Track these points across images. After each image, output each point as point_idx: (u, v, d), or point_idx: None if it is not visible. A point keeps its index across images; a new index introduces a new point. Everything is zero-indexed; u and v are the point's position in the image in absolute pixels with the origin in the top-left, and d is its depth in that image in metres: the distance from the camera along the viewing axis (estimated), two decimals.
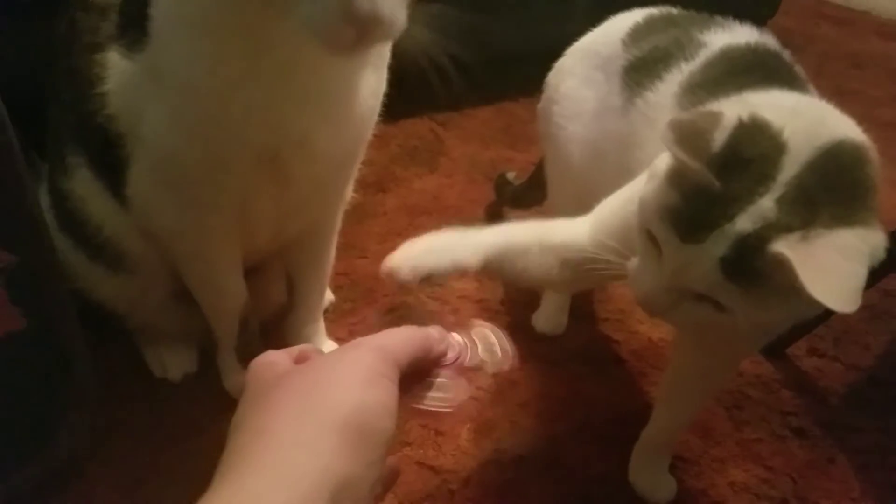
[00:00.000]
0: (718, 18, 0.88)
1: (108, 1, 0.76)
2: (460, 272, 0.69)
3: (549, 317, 1.15)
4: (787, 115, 0.59)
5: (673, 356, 0.92)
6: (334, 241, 1.01)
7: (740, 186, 0.55)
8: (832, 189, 0.55)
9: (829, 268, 0.52)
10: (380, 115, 0.87)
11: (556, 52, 1.04)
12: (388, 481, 0.51)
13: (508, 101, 1.80)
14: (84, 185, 0.84)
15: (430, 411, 0.48)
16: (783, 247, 0.52)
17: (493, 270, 0.73)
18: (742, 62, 0.78)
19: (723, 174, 0.55)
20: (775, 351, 1.15)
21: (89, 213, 0.85)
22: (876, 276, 1.08)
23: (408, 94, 0.88)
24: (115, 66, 0.75)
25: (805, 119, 0.59)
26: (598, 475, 0.94)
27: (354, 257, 1.28)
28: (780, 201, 0.54)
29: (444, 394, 0.48)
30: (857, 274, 0.53)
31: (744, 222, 0.54)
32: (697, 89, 0.77)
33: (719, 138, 0.56)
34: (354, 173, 0.92)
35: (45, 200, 0.91)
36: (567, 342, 1.15)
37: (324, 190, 0.88)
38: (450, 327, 0.53)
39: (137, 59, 0.72)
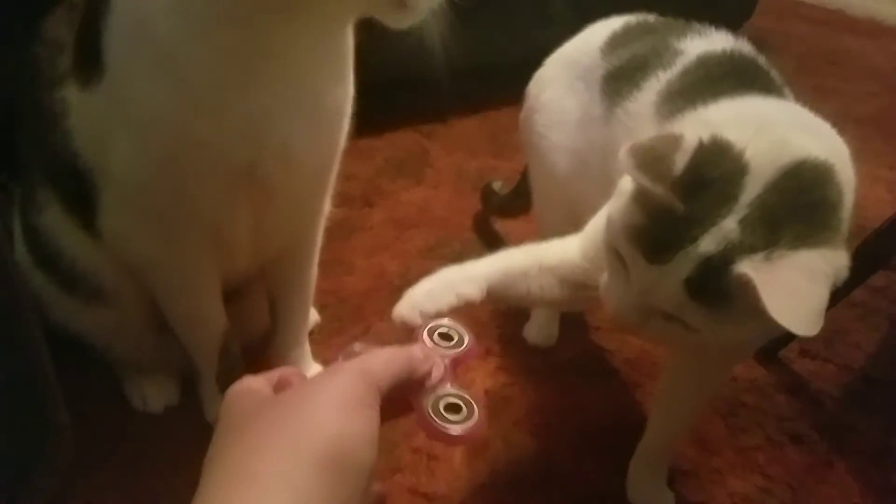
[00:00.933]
0: (695, 25, 0.87)
1: (64, 36, 0.75)
2: (466, 305, 0.69)
3: (539, 328, 1.14)
4: (749, 134, 0.58)
5: (666, 364, 0.91)
6: (315, 258, 0.99)
7: (703, 208, 0.55)
8: (795, 209, 0.55)
9: (792, 290, 0.52)
10: (365, 129, 0.86)
11: (538, 60, 1.04)
12: None
13: (492, 111, 1.79)
14: (56, 220, 0.83)
15: (445, 434, 0.46)
16: (747, 268, 0.52)
17: (497, 297, 0.74)
18: (719, 69, 0.77)
19: (686, 196, 0.55)
20: (768, 355, 1.14)
21: (62, 248, 0.83)
22: (863, 273, 1.10)
23: (392, 105, 0.87)
24: (75, 100, 0.73)
25: (767, 138, 0.59)
26: (595, 491, 0.93)
27: (341, 274, 1.26)
28: (743, 222, 0.54)
29: (460, 416, 0.47)
30: (819, 295, 0.53)
31: (707, 244, 0.54)
32: (675, 97, 0.77)
33: (680, 161, 0.56)
34: (331, 186, 0.91)
35: (18, 232, 0.90)
36: (559, 353, 1.13)
37: (302, 203, 0.87)
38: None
39: (96, 91, 0.71)
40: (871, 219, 1.44)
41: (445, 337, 0.53)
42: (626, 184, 0.62)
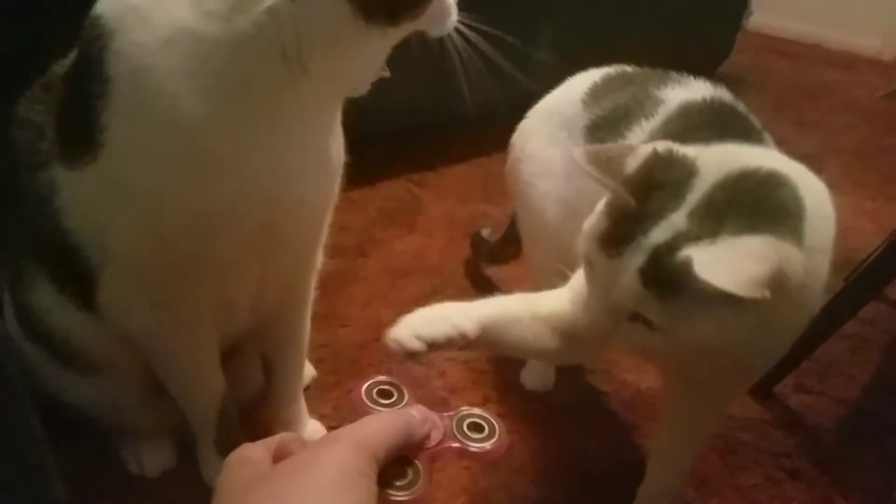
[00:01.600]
0: (673, 74, 0.90)
1: (43, 117, 0.76)
2: (460, 338, 0.70)
3: (537, 374, 1.15)
4: (701, 150, 0.63)
5: (662, 403, 0.91)
6: (308, 313, 1.00)
7: (654, 205, 0.59)
8: (741, 205, 0.58)
9: (729, 260, 0.55)
10: (357, 180, 0.88)
11: (525, 107, 1.07)
12: None
13: (482, 157, 1.82)
14: (46, 297, 0.83)
15: (394, 502, 0.45)
16: (690, 251, 0.56)
17: (491, 340, 0.74)
18: (700, 117, 0.80)
19: (638, 194, 0.59)
20: (763, 390, 1.15)
21: (54, 324, 0.84)
22: (854, 305, 1.11)
23: (383, 155, 0.89)
24: (64, 181, 0.74)
25: (720, 152, 0.63)
26: None
27: (337, 326, 1.27)
28: (691, 215, 0.58)
29: (405, 481, 0.46)
30: (756, 269, 0.54)
31: (657, 235, 0.58)
32: None
33: (632, 163, 0.60)
34: (325, 236, 0.92)
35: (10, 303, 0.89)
36: (557, 398, 1.14)
37: (302, 252, 0.89)
38: (434, 408, 0.52)
39: (89, 169, 0.71)
40: (857, 250, 1.46)
41: (476, 428, 0.52)
42: (599, 205, 0.66)
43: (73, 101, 0.73)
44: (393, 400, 0.53)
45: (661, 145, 0.62)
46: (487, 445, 0.51)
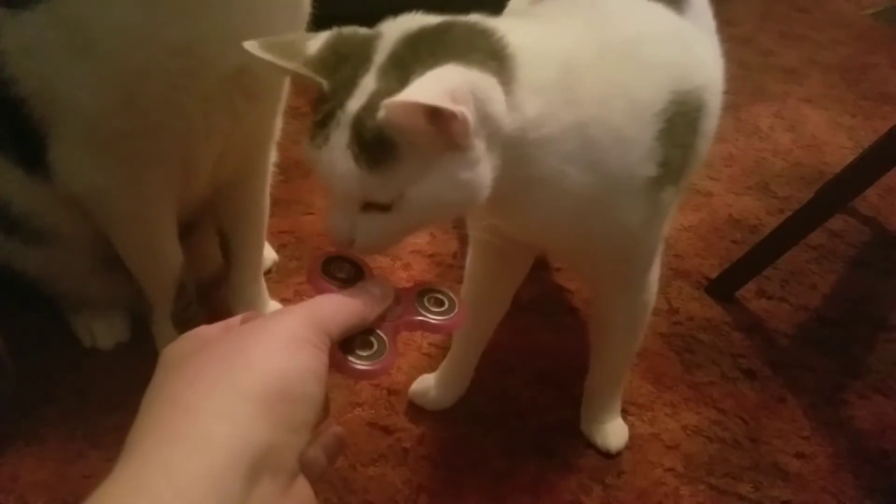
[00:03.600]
0: None
1: None
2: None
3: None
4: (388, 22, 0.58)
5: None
6: (267, 186, 0.96)
7: (343, 77, 0.54)
8: (425, 52, 0.54)
9: (414, 86, 0.51)
10: None
11: None
12: (334, 449, 0.49)
13: None
14: None
15: (356, 369, 0.46)
16: (385, 104, 0.51)
17: None
18: None
19: (324, 73, 0.54)
20: (725, 294, 1.15)
21: None
22: (821, 216, 1.11)
23: None
24: (7, 22, 0.67)
25: (404, 19, 0.58)
26: (553, 424, 0.94)
27: (300, 214, 1.24)
28: (378, 75, 0.54)
29: (370, 351, 0.47)
30: (443, 84, 0.51)
31: (353, 104, 0.53)
32: None
33: (314, 45, 0.56)
34: (284, 100, 0.88)
35: None
36: (520, 292, 1.12)
37: (274, 101, 0.85)
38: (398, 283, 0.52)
39: (39, 10, 0.64)
40: (832, 164, 1.46)
41: (437, 302, 0.53)
42: None
43: None
44: (351, 276, 0.51)
45: (346, 28, 0.57)
46: (448, 318, 0.52)
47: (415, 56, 0.54)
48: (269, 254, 1.10)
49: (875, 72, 1.91)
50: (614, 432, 0.91)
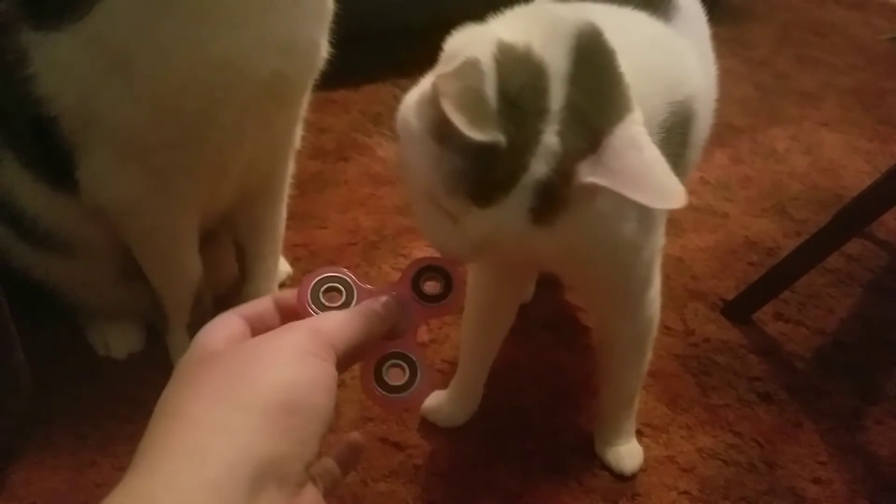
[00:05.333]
0: None
1: None
2: None
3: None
4: (521, 27, 0.54)
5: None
6: (284, 198, 0.97)
7: (521, 132, 0.50)
8: (597, 96, 0.52)
9: (636, 168, 0.50)
10: (340, 80, 0.86)
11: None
12: (350, 459, 0.49)
13: None
14: (11, 175, 0.78)
15: (390, 401, 0.46)
16: (587, 175, 0.50)
17: None
18: None
19: (504, 126, 0.49)
20: (741, 316, 1.14)
21: (22, 204, 0.79)
22: (839, 240, 1.10)
23: (368, 57, 0.84)
24: (37, 44, 0.67)
25: (542, 20, 0.55)
26: (567, 443, 0.93)
27: (314, 228, 1.24)
28: (560, 129, 0.50)
29: (403, 379, 0.47)
30: (655, 158, 0.50)
31: (538, 167, 0.50)
32: None
33: (490, 90, 0.50)
34: (304, 110, 0.89)
35: None
36: (533, 311, 1.12)
37: (299, 109, 0.86)
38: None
39: (70, 31, 0.65)
40: (850, 188, 1.45)
41: (431, 279, 0.51)
42: (412, 120, 0.56)
43: None
44: (341, 302, 0.48)
45: (493, 48, 0.51)
46: (444, 302, 0.50)
47: (592, 105, 0.51)
48: (284, 267, 1.11)
49: (892, 97, 1.90)
50: (629, 454, 0.90)
